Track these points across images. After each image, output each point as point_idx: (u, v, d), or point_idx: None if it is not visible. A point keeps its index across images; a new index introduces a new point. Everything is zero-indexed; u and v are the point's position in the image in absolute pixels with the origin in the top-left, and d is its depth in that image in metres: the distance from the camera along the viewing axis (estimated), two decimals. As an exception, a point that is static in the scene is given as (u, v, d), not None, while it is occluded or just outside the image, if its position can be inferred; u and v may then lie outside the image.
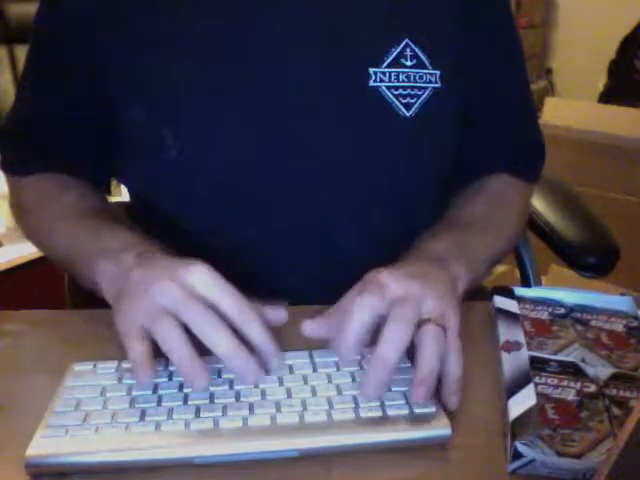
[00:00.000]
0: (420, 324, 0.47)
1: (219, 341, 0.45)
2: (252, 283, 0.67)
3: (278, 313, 0.50)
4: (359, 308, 0.47)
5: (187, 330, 0.46)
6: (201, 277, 0.47)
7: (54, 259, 0.65)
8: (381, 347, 0.45)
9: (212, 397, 0.47)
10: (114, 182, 0.73)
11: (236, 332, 0.47)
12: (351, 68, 0.61)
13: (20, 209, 0.70)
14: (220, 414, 0.45)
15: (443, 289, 0.50)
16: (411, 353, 0.48)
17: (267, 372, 0.48)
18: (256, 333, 0.47)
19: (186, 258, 0.49)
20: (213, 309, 0.46)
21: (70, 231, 0.61)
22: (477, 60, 0.67)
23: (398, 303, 0.47)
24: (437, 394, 0.47)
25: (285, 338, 0.52)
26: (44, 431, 0.44)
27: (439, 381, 0.47)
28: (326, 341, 0.51)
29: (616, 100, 2.32)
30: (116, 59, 0.62)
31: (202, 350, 0.46)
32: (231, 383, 0.48)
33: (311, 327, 0.51)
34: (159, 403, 0.46)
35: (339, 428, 0.44)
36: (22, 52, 1.40)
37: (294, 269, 0.66)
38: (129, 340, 0.46)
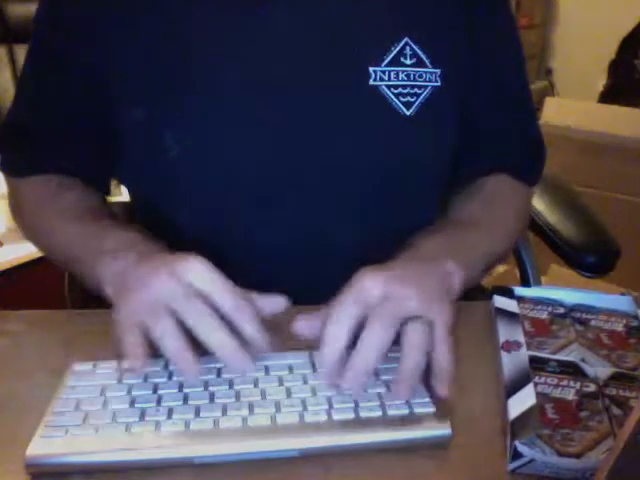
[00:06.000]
0: (406, 322, 0.47)
1: (214, 339, 0.46)
2: (252, 282, 0.68)
3: (276, 301, 0.51)
4: (337, 322, 0.46)
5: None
6: (198, 272, 0.48)
7: (54, 259, 0.66)
8: (359, 350, 0.45)
9: (212, 397, 0.47)
10: (114, 182, 0.73)
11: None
12: (351, 67, 0.61)
13: (19, 210, 0.70)
14: (220, 414, 0.45)
15: (430, 286, 0.50)
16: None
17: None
18: (248, 329, 0.48)
19: (183, 254, 0.49)
20: (209, 302, 0.47)
21: (70, 232, 0.62)
22: (477, 61, 0.67)
23: (379, 304, 0.47)
24: (436, 394, 0.47)
25: (285, 338, 0.52)
26: (44, 431, 0.44)
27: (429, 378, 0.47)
28: None
29: (616, 100, 2.32)
30: (116, 60, 0.62)
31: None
32: (231, 383, 0.48)
33: (302, 325, 0.50)
34: (159, 403, 0.46)
35: (339, 428, 0.44)
36: (22, 52, 1.40)
37: (294, 268, 0.66)
38: (124, 333, 0.47)
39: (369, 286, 0.48)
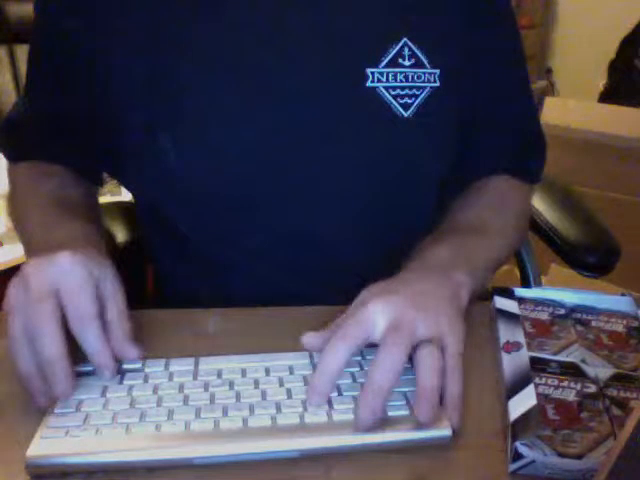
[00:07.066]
0: (417, 345, 0.47)
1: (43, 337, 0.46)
2: (251, 284, 0.68)
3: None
4: (335, 351, 0.46)
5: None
6: (62, 270, 0.48)
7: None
8: (373, 374, 0.44)
9: (212, 398, 0.47)
10: (114, 183, 0.73)
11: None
12: (348, 68, 0.61)
13: (10, 197, 0.72)
14: (220, 415, 0.45)
15: (439, 307, 0.50)
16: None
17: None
18: (89, 341, 0.48)
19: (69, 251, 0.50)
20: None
21: (34, 221, 0.63)
22: (478, 60, 0.66)
23: (391, 329, 0.46)
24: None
25: (285, 338, 0.52)
26: (44, 432, 0.44)
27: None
28: None
29: (616, 100, 2.32)
30: (114, 63, 0.62)
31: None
32: (231, 384, 0.48)
33: (309, 340, 0.50)
34: (159, 404, 0.46)
35: (339, 428, 0.44)
36: (22, 52, 1.40)
37: (293, 271, 0.66)
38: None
39: (381, 310, 0.47)
